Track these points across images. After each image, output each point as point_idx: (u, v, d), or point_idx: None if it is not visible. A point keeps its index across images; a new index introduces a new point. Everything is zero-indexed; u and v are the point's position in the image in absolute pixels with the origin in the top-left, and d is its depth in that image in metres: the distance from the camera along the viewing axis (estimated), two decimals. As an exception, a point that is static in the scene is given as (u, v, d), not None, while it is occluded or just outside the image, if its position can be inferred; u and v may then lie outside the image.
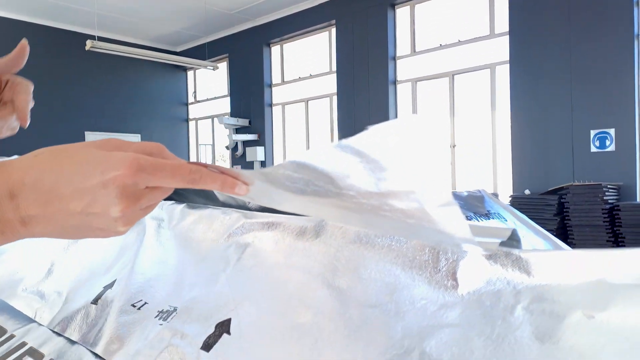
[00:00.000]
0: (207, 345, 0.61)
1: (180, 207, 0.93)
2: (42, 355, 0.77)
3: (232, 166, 8.88)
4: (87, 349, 0.72)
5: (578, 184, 4.45)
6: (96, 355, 0.69)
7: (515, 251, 0.52)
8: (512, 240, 0.52)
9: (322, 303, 0.60)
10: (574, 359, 0.42)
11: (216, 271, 0.72)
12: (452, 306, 0.52)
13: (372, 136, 0.29)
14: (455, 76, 6.30)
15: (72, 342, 0.76)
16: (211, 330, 0.63)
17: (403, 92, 6.87)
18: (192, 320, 0.66)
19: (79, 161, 0.34)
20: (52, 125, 8.11)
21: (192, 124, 10.31)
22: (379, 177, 0.31)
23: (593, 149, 4.77)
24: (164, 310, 0.71)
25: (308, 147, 8.16)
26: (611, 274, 0.46)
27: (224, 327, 0.63)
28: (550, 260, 0.50)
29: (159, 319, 0.69)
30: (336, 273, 0.62)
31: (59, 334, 0.80)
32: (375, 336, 0.53)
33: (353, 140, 0.30)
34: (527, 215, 2.08)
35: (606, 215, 4.17)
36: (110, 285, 0.82)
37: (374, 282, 0.59)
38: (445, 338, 0.49)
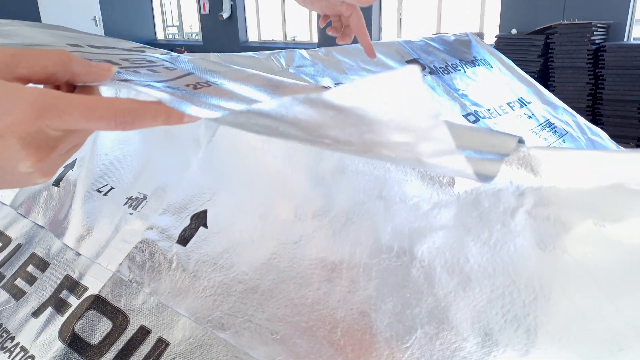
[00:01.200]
0: (184, 239, 0.58)
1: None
2: (10, 239, 0.73)
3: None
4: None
5: (567, 22, 4.25)
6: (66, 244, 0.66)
7: (524, 147, 0.46)
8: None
9: (305, 196, 0.55)
10: (580, 275, 0.39)
11: (186, 154, 0.66)
12: (447, 205, 0.48)
13: (351, 92, 0.22)
14: None
15: (40, 227, 0.72)
16: (186, 222, 0.59)
17: None
18: (164, 210, 0.61)
19: None
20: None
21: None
22: (363, 130, 0.24)
23: (589, -18, 4.45)
24: (133, 197, 0.65)
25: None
26: (631, 178, 0.41)
27: (200, 219, 0.59)
28: (562, 159, 0.44)
29: (128, 207, 0.64)
30: (319, 163, 0.56)
31: (24, 216, 0.75)
32: (363, 237, 0.49)
33: (327, 95, 0.22)
34: (510, 57, 1.99)
35: (590, 57, 4.07)
36: (71, 166, 0.75)
37: (362, 175, 0.53)
38: (438, 242, 0.46)
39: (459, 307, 0.41)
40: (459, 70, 1.71)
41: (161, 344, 0.50)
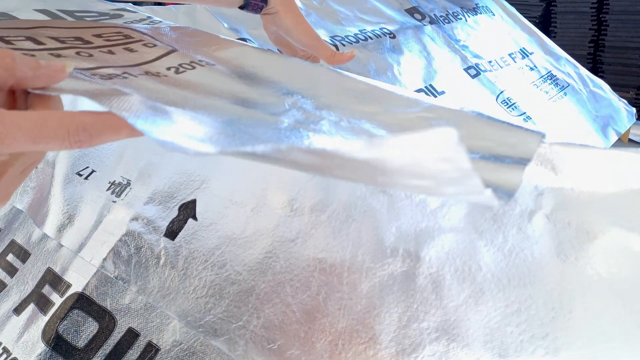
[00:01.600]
0: (172, 232, 0.54)
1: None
2: (-11, 223, 0.69)
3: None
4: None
5: (572, -37, 4.05)
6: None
7: (545, 144, 0.41)
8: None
9: (302, 187, 0.50)
10: (604, 292, 0.35)
11: (172, 135, 0.60)
12: (457, 204, 0.44)
13: (366, 147, 0.18)
14: None
15: (19, 210, 0.68)
16: (174, 213, 0.55)
17: None
18: (150, 199, 0.57)
19: None
20: None
21: None
22: (375, 174, 0.21)
23: None
24: (116, 183, 0.61)
25: None
26: (664, 182, 0.37)
27: (188, 210, 0.54)
28: (587, 158, 0.40)
29: (111, 194, 0.60)
30: (317, 151, 0.51)
31: (2, 198, 0.71)
32: (365, 237, 0.45)
33: (336, 147, 0.18)
34: (511, 2, 1.90)
35: (595, 1, 3.92)
36: (49, 144, 0.70)
37: (364, 166, 0.49)
38: (448, 246, 0.42)
39: (471, 323, 0.38)
40: (460, 19, 1.62)
41: (151, 349, 0.47)
